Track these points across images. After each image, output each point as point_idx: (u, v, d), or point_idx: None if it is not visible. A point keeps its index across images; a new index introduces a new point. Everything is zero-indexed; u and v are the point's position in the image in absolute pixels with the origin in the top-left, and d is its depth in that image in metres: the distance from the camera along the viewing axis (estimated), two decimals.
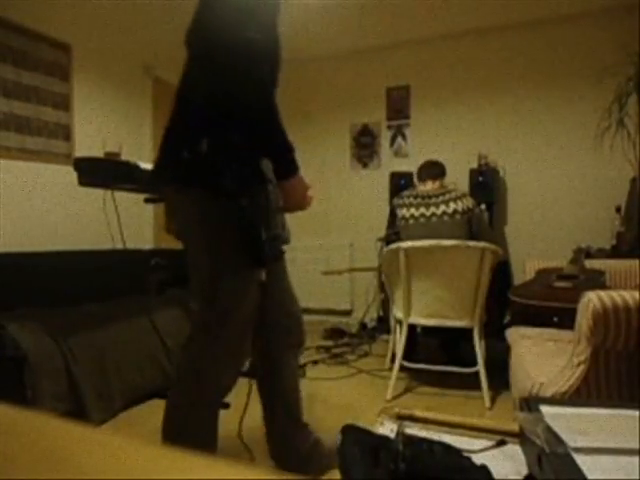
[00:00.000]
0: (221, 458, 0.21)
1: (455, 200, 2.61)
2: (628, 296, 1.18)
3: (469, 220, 2.60)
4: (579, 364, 1.28)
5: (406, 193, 2.79)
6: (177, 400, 1.32)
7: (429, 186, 2.74)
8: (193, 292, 1.32)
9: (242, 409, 1.47)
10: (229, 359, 1.31)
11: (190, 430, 1.30)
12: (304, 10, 3.61)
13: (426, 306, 2.40)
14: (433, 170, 2.79)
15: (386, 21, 3.79)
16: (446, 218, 2.57)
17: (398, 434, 0.78)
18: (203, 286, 1.28)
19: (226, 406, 1.53)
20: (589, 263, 2.59)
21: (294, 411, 1.53)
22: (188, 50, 1.28)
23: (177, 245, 1.50)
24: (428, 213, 2.62)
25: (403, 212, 2.71)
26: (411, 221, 2.66)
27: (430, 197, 2.66)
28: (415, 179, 2.91)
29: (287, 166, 1.27)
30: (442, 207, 2.60)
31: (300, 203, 1.34)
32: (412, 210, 2.67)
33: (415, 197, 2.70)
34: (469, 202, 2.63)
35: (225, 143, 1.20)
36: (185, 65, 1.30)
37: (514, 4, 3.49)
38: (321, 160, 4.51)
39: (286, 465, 1.49)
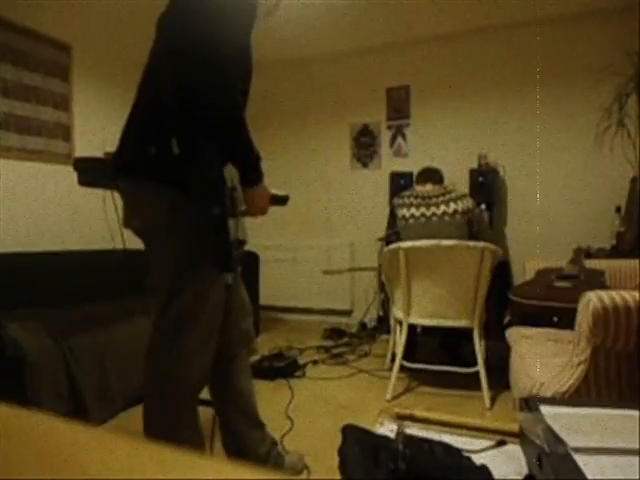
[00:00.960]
0: (221, 458, 0.21)
1: (455, 200, 2.61)
2: (628, 296, 1.18)
3: (469, 220, 2.61)
4: (579, 364, 1.28)
5: (406, 193, 2.79)
6: (150, 402, 1.30)
7: (428, 187, 2.75)
8: (156, 289, 1.30)
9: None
10: (194, 358, 1.28)
11: (168, 429, 1.28)
12: (304, 10, 3.61)
13: (426, 306, 2.40)
14: (432, 175, 2.81)
15: (386, 21, 3.79)
16: (446, 218, 2.58)
17: (398, 434, 0.78)
18: (167, 284, 1.26)
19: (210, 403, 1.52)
20: (589, 263, 2.59)
21: (250, 410, 1.53)
22: (158, 33, 1.28)
23: None
24: (428, 213, 2.62)
25: (403, 212, 2.71)
26: (411, 221, 2.66)
27: (430, 197, 2.66)
28: (414, 183, 2.92)
29: (254, 175, 1.30)
30: (442, 207, 2.61)
31: (263, 209, 1.39)
32: (412, 210, 2.67)
33: (415, 197, 2.70)
34: (469, 202, 2.64)
35: (195, 146, 1.19)
36: (154, 49, 1.29)
37: (514, 4, 3.49)
38: (321, 160, 4.51)
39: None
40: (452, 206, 2.59)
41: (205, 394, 1.40)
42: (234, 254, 1.26)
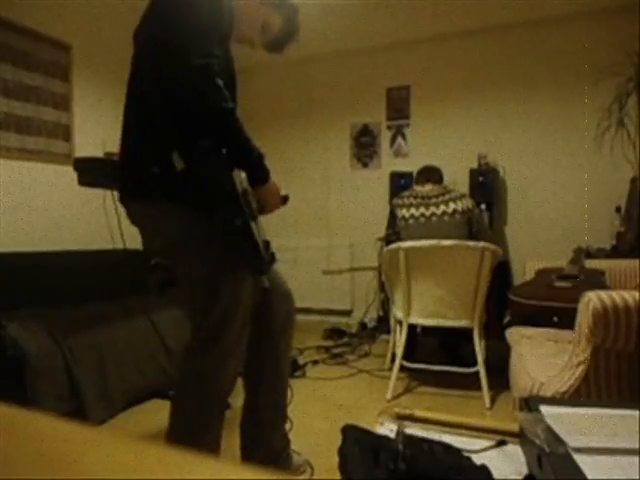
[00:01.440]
0: (221, 458, 0.21)
1: (455, 200, 2.61)
2: (628, 296, 1.18)
3: (469, 220, 2.61)
4: (579, 364, 1.28)
5: (406, 193, 2.79)
6: (182, 407, 1.32)
7: (428, 187, 2.75)
8: (188, 303, 1.33)
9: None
10: (230, 362, 1.31)
11: (196, 436, 1.30)
12: (304, 10, 3.61)
13: (426, 306, 2.40)
14: (432, 175, 2.82)
15: (386, 21, 3.78)
16: (446, 218, 2.58)
17: (398, 434, 0.78)
18: (201, 296, 1.28)
19: (227, 406, 1.53)
20: (589, 263, 2.59)
21: (280, 400, 1.53)
22: (136, 48, 1.30)
23: None
24: (428, 213, 2.62)
25: (403, 212, 2.71)
26: (411, 221, 2.66)
27: (430, 197, 2.66)
28: (414, 183, 2.92)
29: (261, 173, 1.31)
30: (442, 207, 2.61)
31: (276, 204, 1.39)
32: (412, 210, 2.67)
33: (415, 197, 2.70)
34: (469, 202, 2.64)
35: (197, 157, 1.18)
36: (134, 64, 1.31)
37: (514, 4, 3.49)
38: (321, 160, 4.51)
39: (252, 459, 1.49)
40: (452, 206, 2.59)
41: None
42: (265, 257, 1.27)
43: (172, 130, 1.20)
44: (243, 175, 1.25)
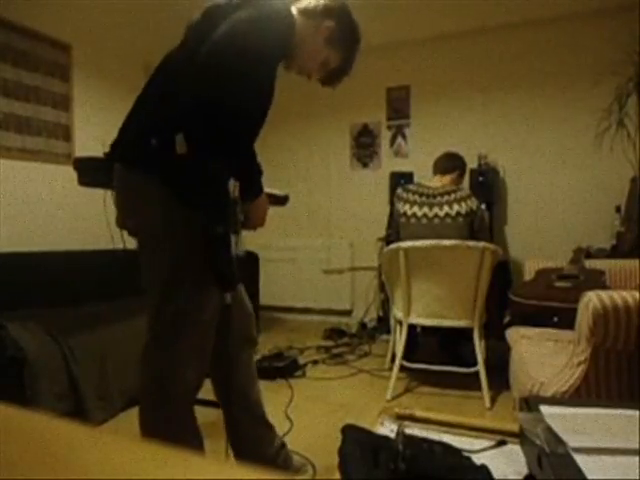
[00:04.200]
0: (221, 458, 0.21)
1: (459, 201, 2.57)
2: (628, 296, 1.18)
3: (471, 222, 2.59)
4: (579, 364, 1.28)
5: (412, 188, 2.72)
6: (146, 404, 1.28)
7: (436, 182, 2.72)
8: (148, 287, 1.27)
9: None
10: (191, 360, 1.25)
11: (165, 431, 1.26)
12: None
13: (426, 306, 2.40)
14: (446, 163, 2.76)
15: (386, 21, 3.79)
16: (448, 220, 2.55)
17: (398, 434, 0.78)
18: (161, 287, 1.22)
19: (217, 405, 1.52)
20: (589, 263, 2.59)
21: (256, 410, 1.51)
22: (186, 40, 1.26)
23: None
24: (431, 214, 2.59)
25: (405, 208, 2.66)
26: (412, 220, 2.63)
27: (435, 196, 2.62)
28: (425, 167, 2.86)
29: (257, 188, 1.30)
30: (445, 208, 2.57)
31: (262, 220, 1.38)
32: (415, 208, 2.63)
33: (420, 195, 2.65)
34: (473, 204, 2.60)
35: (202, 149, 1.14)
36: (179, 53, 1.26)
37: (514, 4, 3.49)
38: (321, 160, 4.51)
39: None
40: (455, 208, 2.56)
41: (203, 394, 1.40)
42: (235, 274, 1.22)
43: (186, 116, 1.14)
44: (235, 183, 1.21)
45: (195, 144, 1.12)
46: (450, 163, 2.77)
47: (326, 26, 1.37)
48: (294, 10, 1.32)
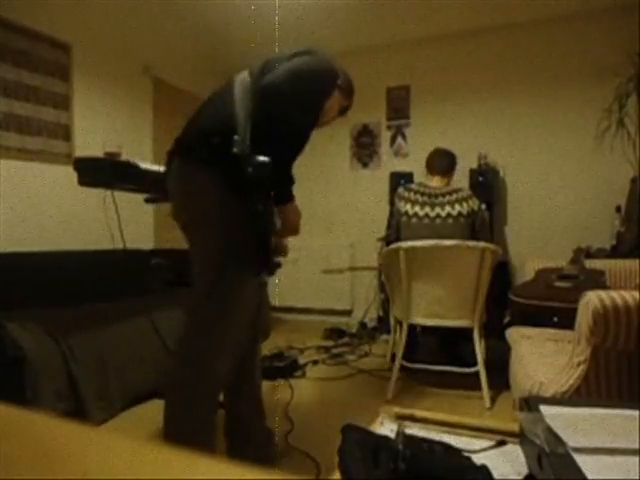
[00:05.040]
0: (222, 458, 0.21)
1: (461, 202, 2.57)
2: (628, 296, 1.18)
3: (472, 222, 2.59)
4: (579, 364, 1.28)
5: (413, 187, 2.71)
6: (176, 387, 1.36)
7: (436, 182, 2.71)
8: (195, 275, 1.38)
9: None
10: (227, 352, 1.34)
11: (191, 424, 1.32)
12: (304, 10, 3.62)
13: (426, 306, 2.40)
14: (444, 162, 2.74)
15: (386, 21, 3.79)
16: (450, 221, 2.55)
17: (398, 434, 0.78)
18: (206, 276, 1.34)
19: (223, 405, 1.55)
20: (589, 263, 2.59)
21: (259, 399, 1.62)
22: (262, 71, 1.41)
23: (177, 245, 1.50)
24: (432, 214, 2.58)
25: (407, 207, 2.64)
26: (414, 219, 2.62)
27: (437, 196, 2.61)
28: (425, 166, 2.82)
29: (288, 194, 1.47)
30: (447, 208, 2.56)
31: (297, 225, 1.53)
32: (416, 208, 2.62)
33: (422, 194, 2.64)
34: (475, 204, 2.60)
35: (254, 151, 1.28)
36: (255, 78, 1.40)
37: (514, 4, 3.49)
38: (321, 160, 4.51)
39: (242, 455, 1.53)
40: (457, 208, 2.55)
41: None
42: (275, 259, 1.35)
43: (246, 121, 1.30)
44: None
45: (251, 146, 1.27)
46: (447, 162, 2.75)
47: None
48: None
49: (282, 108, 1.30)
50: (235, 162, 1.26)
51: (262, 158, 1.26)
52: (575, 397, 1.27)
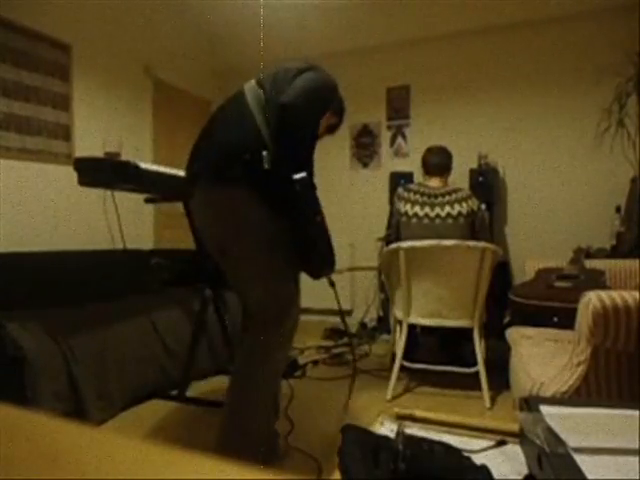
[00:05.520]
0: (222, 458, 0.21)
1: (461, 202, 2.57)
2: (628, 296, 1.18)
3: (472, 222, 2.59)
4: (579, 364, 1.28)
5: (413, 187, 2.70)
6: (240, 403, 1.43)
7: (435, 182, 2.70)
8: (242, 293, 1.50)
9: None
10: (284, 356, 1.49)
11: (253, 433, 1.39)
12: (304, 10, 3.62)
13: (426, 306, 2.40)
14: (439, 162, 2.72)
15: (386, 21, 3.79)
16: (450, 221, 2.55)
17: (398, 434, 0.78)
18: (259, 289, 1.44)
19: (214, 405, 1.56)
20: (589, 263, 2.59)
21: (278, 401, 1.70)
22: (265, 87, 1.49)
23: (176, 245, 1.51)
24: (432, 214, 2.58)
25: (407, 208, 2.64)
26: (414, 220, 2.62)
27: (436, 196, 2.61)
28: (421, 166, 2.80)
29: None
30: (447, 208, 2.56)
31: None
32: (416, 208, 2.62)
33: (422, 194, 2.64)
34: (474, 204, 2.60)
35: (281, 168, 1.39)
36: (271, 78, 1.51)
37: (514, 4, 3.49)
38: (321, 160, 4.50)
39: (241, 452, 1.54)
40: (457, 208, 2.55)
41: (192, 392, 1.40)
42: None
43: (265, 137, 1.40)
44: None
45: (276, 160, 1.37)
46: (443, 162, 2.74)
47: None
48: None
49: (300, 126, 1.40)
50: (266, 178, 1.34)
51: (301, 175, 1.36)
52: (575, 397, 1.27)
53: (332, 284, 1.59)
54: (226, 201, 1.41)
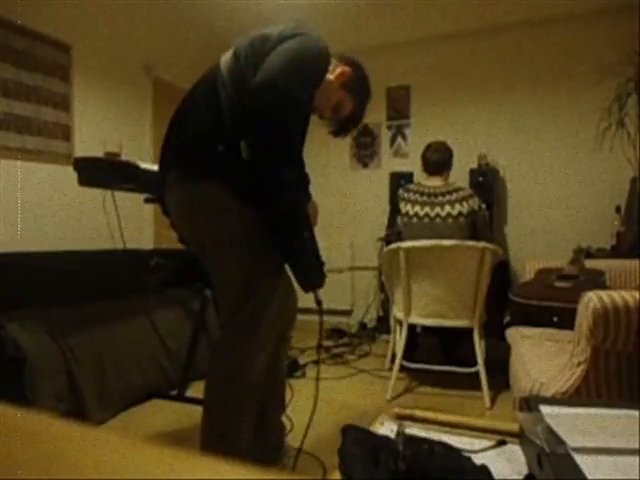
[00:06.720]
0: (222, 458, 0.21)
1: (461, 201, 2.56)
2: (628, 296, 1.18)
3: (473, 222, 2.58)
4: (579, 364, 1.28)
5: (413, 187, 2.71)
6: (214, 405, 1.34)
7: (436, 182, 2.70)
8: (219, 290, 1.37)
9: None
10: (260, 357, 1.35)
11: (231, 434, 1.32)
12: (304, 10, 3.62)
13: (426, 306, 2.40)
14: (439, 160, 2.71)
15: (386, 21, 3.79)
16: (450, 220, 2.55)
17: (398, 434, 0.78)
18: (235, 287, 1.31)
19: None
20: (589, 263, 2.59)
21: (283, 392, 1.64)
22: (240, 62, 1.30)
23: (177, 245, 1.50)
24: (432, 214, 2.58)
25: (407, 208, 2.65)
26: (414, 220, 2.62)
27: (437, 196, 2.61)
28: (420, 165, 2.80)
29: (308, 192, 1.46)
30: (447, 208, 2.56)
31: (314, 222, 1.50)
32: (416, 208, 2.62)
33: (422, 194, 2.64)
34: (475, 203, 2.59)
35: (262, 159, 1.24)
36: (230, 69, 1.32)
37: (514, 4, 3.49)
38: (321, 160, 4.51)
39: (257, 455, 1.52)
40: (457, 208, 2.55)
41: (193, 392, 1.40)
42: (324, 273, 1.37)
43: (242, 123, 1.22)
44: None
45: (256, 150, 1.20)
46: (443, 160, 2.72)
47: (342, 70, 1.59)
48: None
49: (278, 111, 1.18)
50: (244, 172, 1.20)
51: (290, 172, 1.23)
52: (575, 397, 1.27)
53: (319, 303, 1.41)
54: (198, 197, 1.28)
